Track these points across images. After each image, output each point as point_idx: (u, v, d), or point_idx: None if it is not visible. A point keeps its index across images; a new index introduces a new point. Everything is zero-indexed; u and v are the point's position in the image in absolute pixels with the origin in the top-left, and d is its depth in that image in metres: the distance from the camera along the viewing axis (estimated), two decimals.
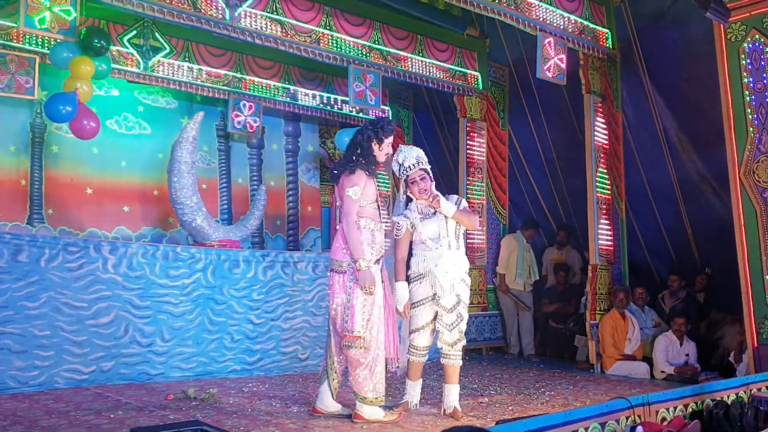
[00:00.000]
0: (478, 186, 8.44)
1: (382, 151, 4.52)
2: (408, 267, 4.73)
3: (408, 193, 4.74)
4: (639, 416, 3.83)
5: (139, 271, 5.75)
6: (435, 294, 4.58)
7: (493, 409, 4.84)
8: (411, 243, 4.71)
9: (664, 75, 7.30)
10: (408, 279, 4.70)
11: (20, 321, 5.14)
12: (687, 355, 6.71)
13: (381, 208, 4.54)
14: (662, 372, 6.65)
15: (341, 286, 4.37)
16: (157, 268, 5.85)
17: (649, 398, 4.00)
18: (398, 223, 4.69)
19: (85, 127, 6.35)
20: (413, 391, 4.76)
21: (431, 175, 4.70)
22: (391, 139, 4.56)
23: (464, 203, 4.73)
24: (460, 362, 4.65)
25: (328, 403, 4.47)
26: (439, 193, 4.60)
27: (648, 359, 6.91)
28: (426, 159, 4.73)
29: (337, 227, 4.52)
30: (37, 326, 5.20)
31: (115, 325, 5.58)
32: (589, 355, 7.12)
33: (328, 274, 4.49)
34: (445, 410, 4.61)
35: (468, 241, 8.19)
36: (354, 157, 4.46)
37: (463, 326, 4.61)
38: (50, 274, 5.32)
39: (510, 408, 4.88)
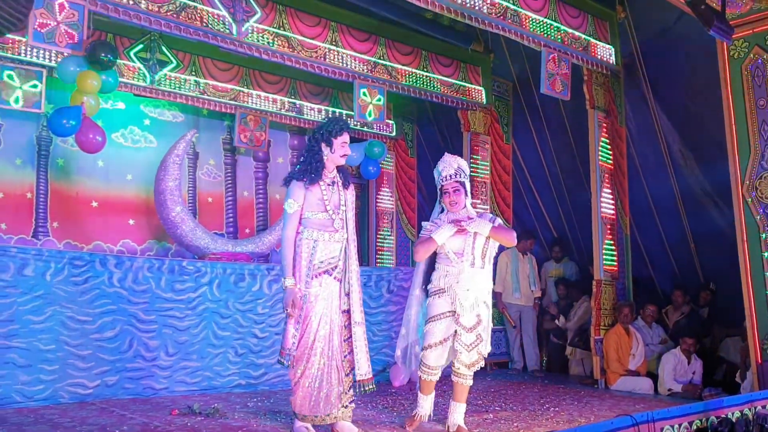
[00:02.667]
0: (481, 200, 8.46)
1: (335, 153, 4.28)
2: (429, 281, 4.64)
3: (441, 203, 4.69)
4: None
5: (144, 285, 5.77)
6: (455, 311, 4.48)
7: (499, 425, 4.84)
8: (435, 255, 4.63)
9: (667, 90, 7.34)
10: (428, 293, 4.62)
11: (25, 335, 5.15)
12: (694, 373, 6.70)
13: (336, 215, 4.31)
14: (669, 389, 6.63)
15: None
16: (163, 282, 5.86)
17: (653, 415, 4.00)
18: (426, 227, 4.65)
19: (92, 141, 6.39)
20: (425, 403, 4.68)
21: (467, 188, 4.65)
22: (344, 137, 4.31)
23: (499, 221, 4.62)
24: (471, 382, 4.60)
25: (342, 426, 4.34)
26: (474, 217, 4.53)
27: (652, 375, 6.91)
28: (467, 172, 4.67)
29: None
30: (42, 340, 5.22)
31: (120, 339, 5.60)
32: (594, 370, 7.11)
33: None
34: (449, 427, 4.59)
35: None
36: (298, 165, 4.35)
37: (484, 349, 4.52)
38: (55, 288, 5.33)
39: (515, 424, 4.87)
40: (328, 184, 4.34)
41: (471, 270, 4.51)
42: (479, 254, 4.55)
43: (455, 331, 4.48)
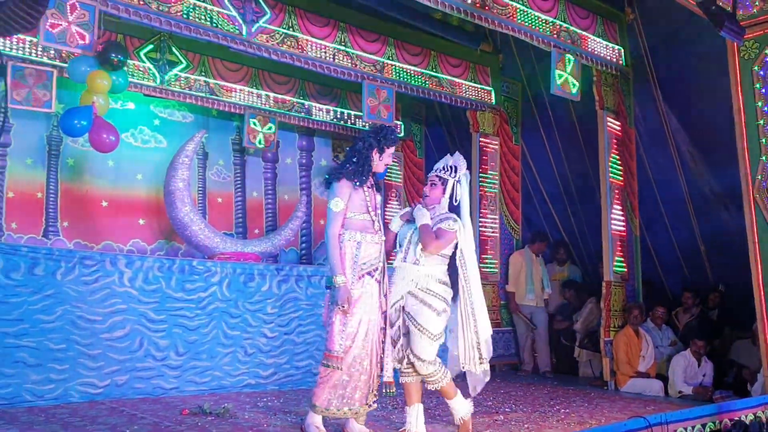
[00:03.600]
0: (490, 202, 8.45)
1: (382, 161, 4.36)
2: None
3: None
4: None
5: (154, 285, 5.77)
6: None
7: (509, 426, 4.83)
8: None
9: (677, 91, 7.32)
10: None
11: (36, 334, 5.15)
12: (704, 375, 6.68)
13: (375, 217, 4.31)
14: (679, 392, 6.61)
15: (326, 302, 4.29)
16: (173, 282, 5.87)
17: (667, 417, 4.00)
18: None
19: (105, 141, 6.37)
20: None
21: (447, 186, 4.46)
22: (392, 149, 4.41)
23: (445, 224, 4.34)
24: (409, 379, 4.43)
25: (353, 427, 4.34)
26: (420, 209, 4.40)
27: (662, 377, 6.88)
28: (456, 170, 4.49)
29: None
30: (52, 340, 5.22)
31: (130, 339, 5.60)
32: (603, 372, 7.09)
33: None
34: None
35: (482, 255, 8.20)
36: (347, 165, 4.32)
37: (417, 347, 4.30)
38: (66, 288, 5.34)
39: (526, 426, 4.86)
40: (368, 187, 4.36)
41: (403, 264, 4.41)
42: (415, 249, 4.36)
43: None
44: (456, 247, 4.39)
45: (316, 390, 4.24)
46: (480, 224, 8.28)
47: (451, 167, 4.52)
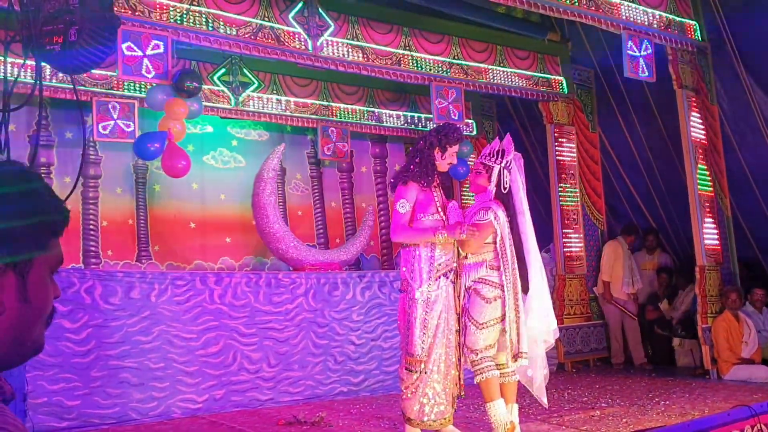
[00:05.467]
0: (571, 192, 8.27)
1: (445, 160, 4.26)
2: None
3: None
4: (765, 424, 3.64)
5: (243, 300, 5.94)
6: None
7: (606, 422, 4.70)
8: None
9: (762, 64, 6.95)
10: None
11: (136, 355, 5.40)
12: None
13: (445, 217, 4.21)
14: None
15: (402, 306, 4.25)
16: (261, 296, 6.02)
17: None
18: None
19: (176, 166, 6.58)
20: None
21: (493, 174, 4.28)
22: (457, 147, 4.28)
23: (479, 217, 4.22)
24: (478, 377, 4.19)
25: (447, 431, 4.25)
26: (451, 206, 4.31)
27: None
28: (503, 155, 4.29)
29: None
30: (152, 359, 5.46)
31: (224, 354, 5.78)
32: (704, 360, 6.81)
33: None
34: None
35: (565, 249, 8.04)
36: (411, 167, 4.24)
37: (465, 334, 4.22)
38: (160, 308, 5.57)
39: (624, 420, 4.72)
40: (435, 186, 4.29)
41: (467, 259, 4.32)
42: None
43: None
44: (497, 234, 4.22)
45: (405, 403, 4.17)
46: (562, 216, 8.11)
47: (497, 152, 4.32)
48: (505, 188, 4.31)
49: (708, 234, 6.94)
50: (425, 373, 4.09)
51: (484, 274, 4.23)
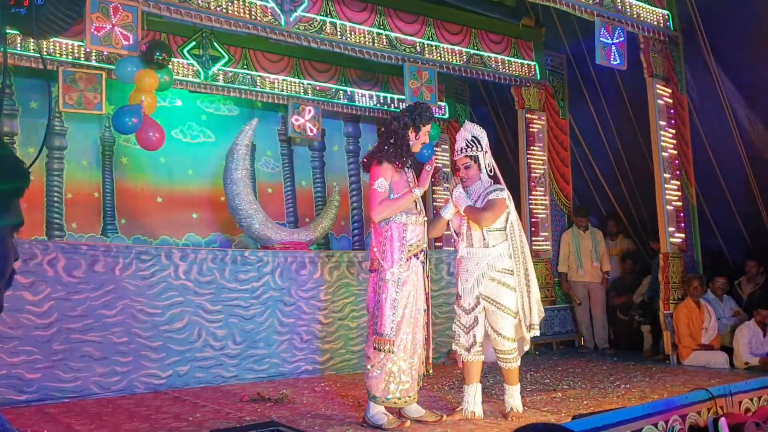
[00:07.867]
0: (540, 178, 8.33)
1: (418, 140, 4.30)
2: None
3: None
4: (721, 407, 3.72)
5: (209, 276, 5.89)
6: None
7: (568, 403, 4.77)
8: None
9: (731, 55, 7.04)
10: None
11: (99, 329, 5.33)
12: None
13: (418, 199, 4.28)
14: (745, 363, 6.41)
15: (372, 286, 4.26)
16: (227, 273, 5.98)
17: (731, 389, 3.88)
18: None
19: (151, 139, 6.50)
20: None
21: (481, 161, 4.42)
22: (429, 127, 4.34)
23: (495, 193, 4.32)
24: (508, 366, 4.41)
25: (410, 409, 4.30)
26: (457, 194, 4.39)
27: (726, 349, 6.69)
28: (480, 142, 4.43)
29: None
30: (115, 333, 5.39)
31: (189, 330, 5.74)
32: (664, 346, 6.94)
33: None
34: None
35: (532, 234, 8.10)
36: (385, 147, 4.25)
37: (503, 330, 4.34)
38: (125, 283, 5.49)
39: (585, 402, 4.80)
40: (408, 167, 4.33)
41: (470, 250, 4.40)
42: (477, 233, 4.37)
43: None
44: (507, 218, 4.36)
45: (371, 381, 4.18)
46: (530, 202, 8.18)
47: (473, 141, 4.44)
48: (490, 172, 4.46)
49: (673, 222, 7.04)
50: (392, 352, 4.11)
51: (508, 264, 4.35)
